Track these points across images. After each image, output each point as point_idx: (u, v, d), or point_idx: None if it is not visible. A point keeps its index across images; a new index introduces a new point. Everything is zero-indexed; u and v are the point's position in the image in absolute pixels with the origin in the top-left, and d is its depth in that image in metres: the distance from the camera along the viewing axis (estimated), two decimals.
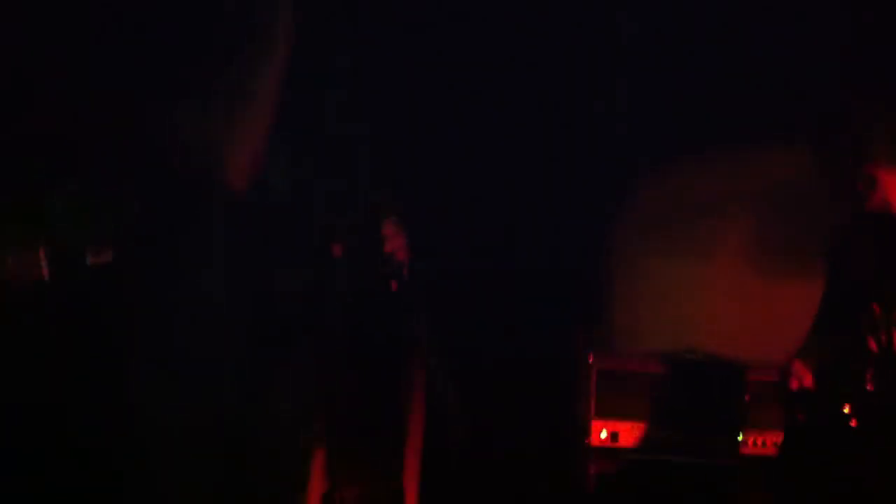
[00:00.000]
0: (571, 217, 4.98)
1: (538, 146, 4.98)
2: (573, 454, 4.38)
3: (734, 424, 4.31)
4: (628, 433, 4.34)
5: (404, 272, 2.49)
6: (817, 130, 4.06)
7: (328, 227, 2.52)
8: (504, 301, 4.79)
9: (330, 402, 2.63)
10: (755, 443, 4.32)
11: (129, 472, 2.38)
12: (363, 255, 2.51)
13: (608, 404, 4.36)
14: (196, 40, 2.35)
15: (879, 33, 4.58)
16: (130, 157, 2.37)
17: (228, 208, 2.38)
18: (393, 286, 2.50)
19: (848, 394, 3.38)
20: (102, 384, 2.72)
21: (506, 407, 4.53)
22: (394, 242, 2.50)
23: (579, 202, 5.01)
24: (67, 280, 2.24)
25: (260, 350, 2.44)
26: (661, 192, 5.22)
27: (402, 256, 2.52)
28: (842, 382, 3.41)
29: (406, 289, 2.48)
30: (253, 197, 2.41)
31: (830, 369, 3.46)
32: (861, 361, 3.38)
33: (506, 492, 4.47)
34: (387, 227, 2.51)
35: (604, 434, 4.33)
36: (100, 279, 2.28)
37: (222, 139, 2.30)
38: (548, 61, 4.91)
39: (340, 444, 2.82)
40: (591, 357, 4.40)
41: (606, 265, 5.21)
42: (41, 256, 2.26)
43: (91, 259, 2.24)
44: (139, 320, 2.42)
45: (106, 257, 2.23)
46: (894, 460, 3.32)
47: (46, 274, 2.25)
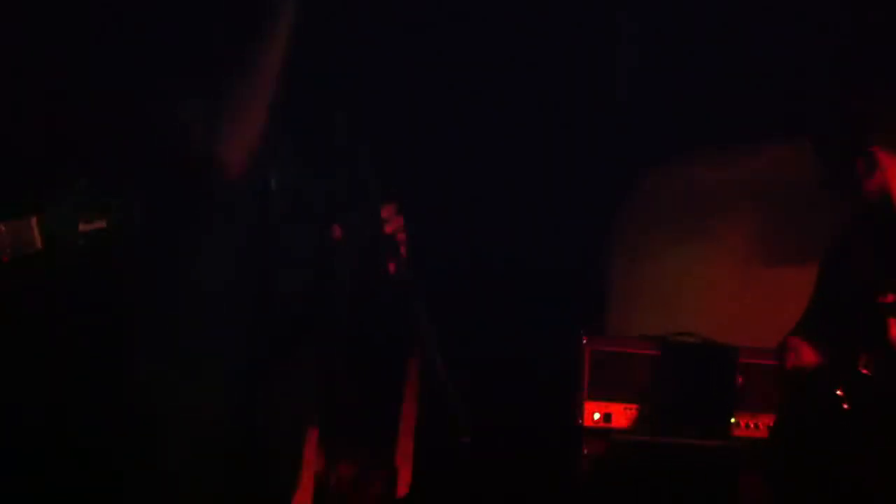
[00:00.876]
0: (571, 217, 4.97)
1: (538, 146, 4.97)
2: (566, 437, 4.38)
3: (726, 406, 4.30)
4: (621, 414, 4.33)
5: (403, 253, 2.45)
6: (817, 122, 4.06)
7: (328, 221, 2.49)
8: (504, 301, 4.77)
9: (325, 385, 2.59)
10: (747, 425, 4.32)
11: (128, 468, 2.34)
12: (363, 236, 2.47)
13: (601, 386, 4.35)
14: (195, 29, 2.33)
15: (880, 33, 4.58)
16: (128, 146, 2.34)
17: (228, 202, 2.35)
18: (391, 268, 2.46)
19: (844, 377, 3.38)
20: (99, 374, 2.70)
21: (506, 407, 4.51)
22: (393, 224, 2.47)
23: (579, 202, 5.00)
24: (61, 251, 2.21)
25: (262, 345, 2.40)
26: (661, 191, 5.22)
27: (402, 238, 2.48)
28: (837, 366, 3.41)
29: (405, 273, 2.44)
30: (253, 193, 2.38)
31: (826, 354, 3.46)
32: (857, 347, 3.38)
33: (502, 482, 4.46)
34: (386, 210, 2.48)
35: (597, 415, 4.33)
36: (94, 248, 2.25)
37: (220, 130, 2.27)
38: (548, 61, 4.91)
39: (335, 425, 2.80)
40: (585, 339, 4.39)
41: (606, 263, 5.20)
42: (34, 225, 2.23)
43: (83, 226, 2.21)
44: (138, 316, 2.38)
45: (100, 224, 2.21)
46: (890, 448, 3.32)
47: (40, 243, 2.22)
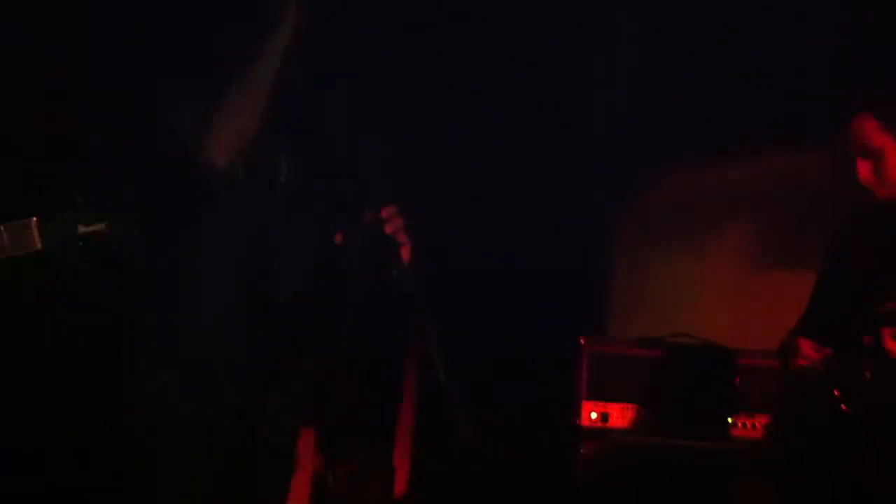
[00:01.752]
0: (571, 219, 4.97)
1: (538, 146, 4.97)
2: (565, 437, 4.37)
3: (725, 408, 4.30)
4: (619, 415, 4.33)
5: (403, 254, 2.44)
6: (817, 123, 4.06)
7: (329, 222, 2.48)
8: (504, 301, 4.77)
9: (325, 385, 2.58)
10: (744, 425, 4.31)
11: (128, 468, 2.33)
12: (364, 239, 2.46)
13: (599, 386, 4.36)
14: (195, 31, 2.32)
15: (880, 33, 4.58)
16: (127, 147, 2.34)
17: (228, 203, 2.35)
18: (391, 269, 2.45)
19: (844, 380, 3.38)
20: (98, 376, 2.69)
21: (506, 407, 4.50)
22: (393, 225, 2.46)
23: (580, 204, 5.00)
24: (61, 252, 2.20)
25: (262, 346, 2.40)
26: (661, 193, 5.22)
27: (403, 240, 2.47)
28: (837, 368, 3.40)
29: (406, 275, 2.43)
30: (254, 194, 2.37)
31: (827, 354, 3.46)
32: (857, 349, 3.37)
33: (501, 482, 4.45)
34: (386, 211, 2.47)
35: (594, 415, 4.33)
36: (94, 251, 2.24)
37: (220, 131, 2.26)
38: (548, 61, 4.90)
39: (334, 425, 2.80)
40: (583, 340, 4.39)
41: (606, 262, 5.20)
42: (33, 227, 2.22)
43: (83, 228, 2.21)
44: (137, 317, 2.37)
45: (99, 226, 2.20)
46: (890, 449, 3.32)
47: (39, 243, 2.22)
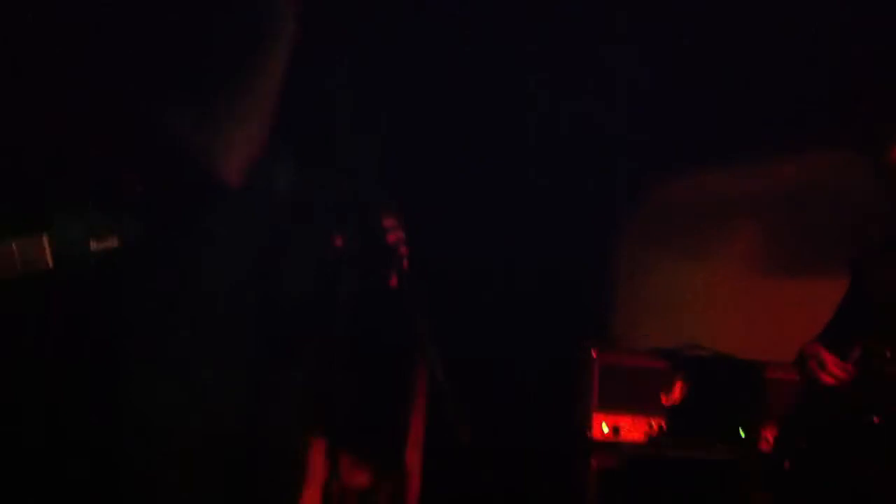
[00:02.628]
0: (571, 217, 5.00)
1: (538, 146, 5.00)
2: (574, 449, 4.38)
3: (751, 421, 4.29)
4: (630, 428, 4.34)
5: (405, 265, 2.48)
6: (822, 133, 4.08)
7: (330, 231, 2.51)
8: (508, 304, 4.80)
9: (331, 396, 2.62)
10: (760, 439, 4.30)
11: (128, 472, 2.36)
12: (364, 246, 2.50)
13: (610, 399, 4.37)
14: (197, 32, 2.35)
15: (882, 32, 4.60)
16: (132, 151, 2.36)
17: (231, 211, 2.38)
18: (393, 280, 2.49)
19: (873, 389, 3.34)
20: (103, 382, 2.72)
21: (506, 407, 4.54)
22: (394, 234, 2.49)
23: (584, 209, 5.03)
24: (72, 268, 2.23)
25: (264, 351, 2.43)
26: (666, 200, 5.24)
27: (403, 249, 2.50)
28: (867, 377, 3.35)
29: (406, 283, 2.47)
30: (256, 202, 2.40)
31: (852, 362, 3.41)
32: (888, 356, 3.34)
33: (507, 488, 4.48)
34: (387, 220, 2.50)
35: (605, 428, 4.34)
36: (105, 267, 2.27)
37: (222, 133, 2.29)
38: (548, 61, 4.93)
39: (342, 436, 2.81)
40: (595, 353, 4.39)
41: (610, 265, 5.23)
42: (44, 243, 2.25)
43: (95, 245, 2.24)
44: (142, 321, 2.40)
45: (111, 243, 2.23)
46: None
47: (50, 261, 2.24)
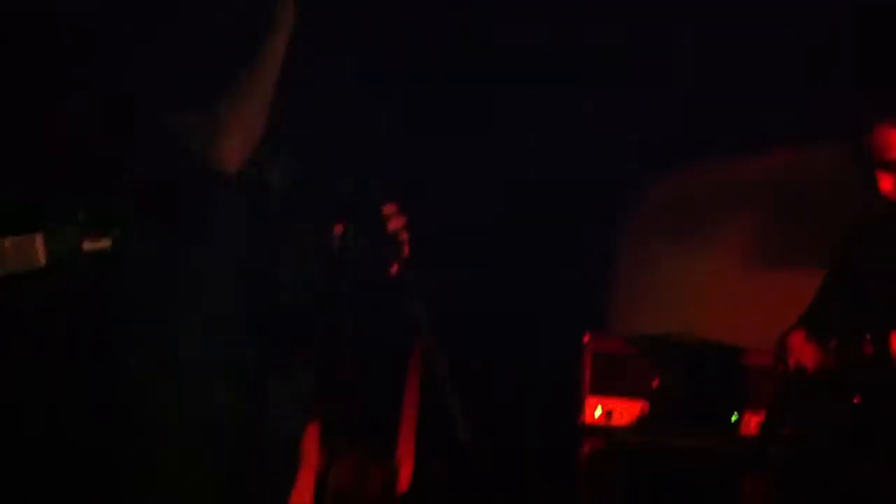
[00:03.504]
0: (571, 217, 4.97)
1: (538, 146, 4.97)
2: (567, 435, 4.35)
3: (731, 406, 4.27)
4: (622, 412, 4.31)
5: (406, 253, 2.44)
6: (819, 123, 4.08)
7: (331, 221, 2.48)
8: (507, 296, 4.77)
9: (326, 384, 2.58)
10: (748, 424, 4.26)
11: (127, 470, 2.33)
12: (365, 233, 2.46)
13: (603, 384, 4.34)
14: (196, 31, 2.32)
15: (884, 33, 4.58)
16: (127, 147, 2.34)
17: (229, 203, 2.35)
18: (394, 269, 2.44)
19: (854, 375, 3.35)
20: (100, 380, 2.69)
21: (506, 407, 4.50)
22: (395, 223, 2.45)
23: (584, 202, 5.00)
24: (65, 267, 2.20)
25: (263, 346, 2.40)
26: (665, 193, 5.22)
27: (404, 237, 2.46)
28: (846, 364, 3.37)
29: (407, 273, 2.43)
30: (255, 194, 2.37)
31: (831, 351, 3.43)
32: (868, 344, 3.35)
33: (504, 481, 4.45)
34: (388, 208, 2.46)
35: (598, 413, 4.30)
36: (98, 267, 2.23)
37: (221, 116, 2.26)
38: (548, 61, 4.90)
39: (336, 422, 2.79)
40: (587, 338, 4.36)
41: (610, 264, 5.20)
42: (38, 242, 2.22)
43: (87, 245, 2.20)
44: (139, 316, 2.37)
45: (103, 243, 2.19)
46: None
47: (43, 260, 2.21)
